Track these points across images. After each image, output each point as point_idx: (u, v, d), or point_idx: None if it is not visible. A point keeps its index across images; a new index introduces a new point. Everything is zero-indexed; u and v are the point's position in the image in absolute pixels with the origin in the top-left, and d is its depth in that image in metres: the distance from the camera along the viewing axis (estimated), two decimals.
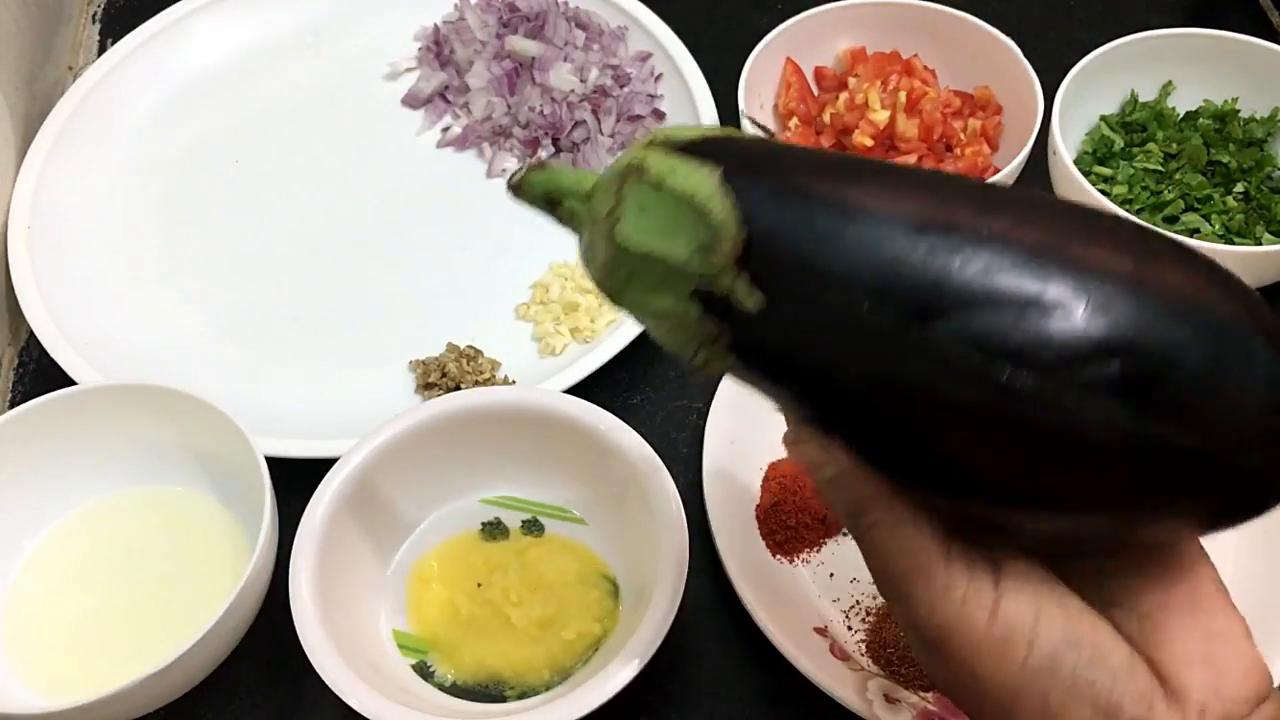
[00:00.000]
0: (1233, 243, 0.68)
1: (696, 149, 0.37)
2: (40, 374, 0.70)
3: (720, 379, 0.64)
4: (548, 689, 0.55)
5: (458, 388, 0.66)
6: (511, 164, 0.79)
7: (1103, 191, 0.69)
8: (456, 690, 0.56)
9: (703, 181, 0.36)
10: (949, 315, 0.33)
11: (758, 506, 0.61)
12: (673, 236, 0.36)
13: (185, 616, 0.56)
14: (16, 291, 0.70)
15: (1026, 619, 0.35)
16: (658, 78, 0.81)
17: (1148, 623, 0.36)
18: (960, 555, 0.36)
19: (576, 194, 0.40)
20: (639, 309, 0.39)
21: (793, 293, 0.35)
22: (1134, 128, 0.75)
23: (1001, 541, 0.36)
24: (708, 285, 0.36)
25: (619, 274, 0.38)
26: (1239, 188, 0.71)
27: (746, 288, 0.35)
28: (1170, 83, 0.76)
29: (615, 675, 0.50)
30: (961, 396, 0.33)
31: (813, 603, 0.59)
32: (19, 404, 0.61)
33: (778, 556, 0.60)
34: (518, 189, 0.41)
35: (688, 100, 0.79)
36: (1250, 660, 0.36)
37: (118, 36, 0.84)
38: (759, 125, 0.37)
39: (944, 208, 0.34)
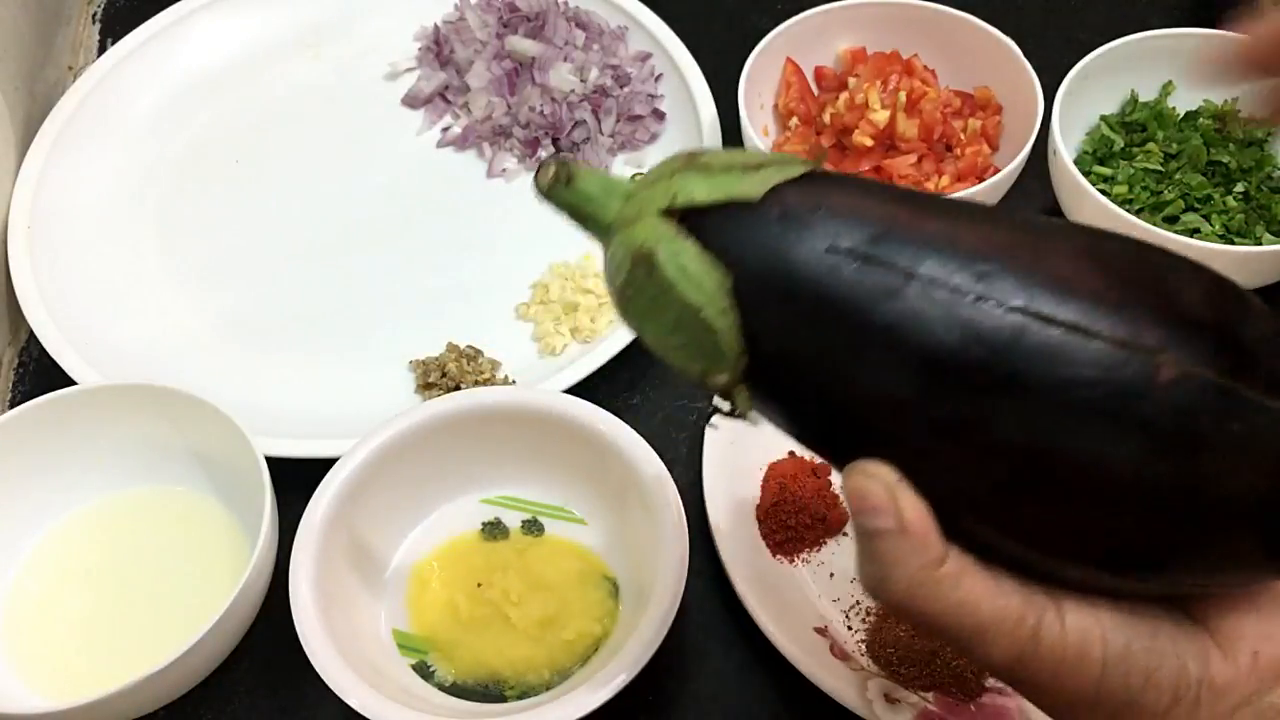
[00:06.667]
0: (1233, 243, 0.68)
1: (714, 232, 0.35)
2: (40, 374, 0.70)
3: None
4: (548, 689, 0.55)
5: (458, 388, 0.66)
6: (511, 164, 0.79)
7: (1102, 191, 0.69)
8: (456, 690, 0.56)
9: (711, 296, 0.35)
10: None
11: (758, 506, 0.61)
12: (677, 337, 0.36)
13: (185, 616, 0.56)
14: (16, 291, 0.70)
15: (1091, 620, 0.35)
16: (658, 78, 0.81)
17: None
18: (1013, 585, 0.35)
19: (598, 224, 0.39)
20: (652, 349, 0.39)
21: (787, 409, 0.36)
22: (1134, 128, 0.74)
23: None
24: (708, 383, 0.37)
25: (632, 326, 0.38)
26: (1239, 188, 0.71)
27: (745, 399, 0.36)
28: (1170, 83, 0.76)
29: (615, 675, 0.50)
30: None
31: (813, 603, 0.59)
32: (19, 404, 0.61)
33: (778, 556, 0.60)
34: (546, 197, 0.40)
35: (688, 100, 0.79)
36: None
37: (118, 36, 0.84)
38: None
39: (965, 351, 0.32)
